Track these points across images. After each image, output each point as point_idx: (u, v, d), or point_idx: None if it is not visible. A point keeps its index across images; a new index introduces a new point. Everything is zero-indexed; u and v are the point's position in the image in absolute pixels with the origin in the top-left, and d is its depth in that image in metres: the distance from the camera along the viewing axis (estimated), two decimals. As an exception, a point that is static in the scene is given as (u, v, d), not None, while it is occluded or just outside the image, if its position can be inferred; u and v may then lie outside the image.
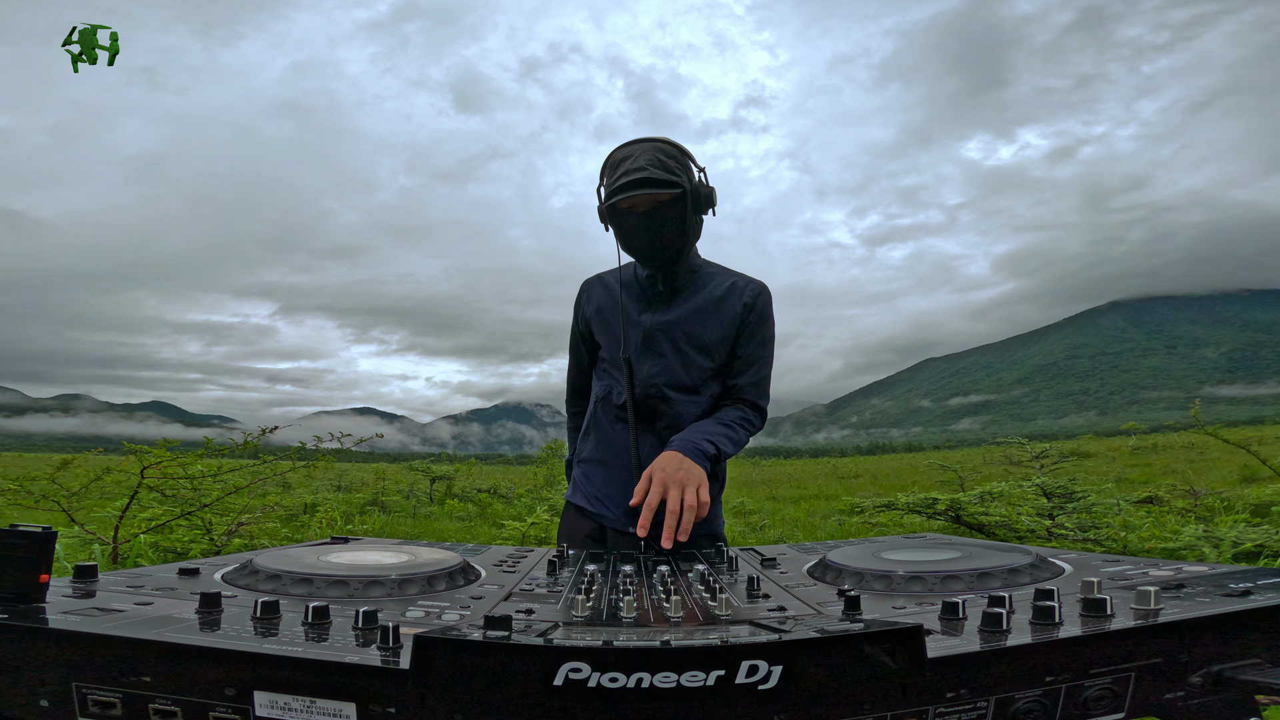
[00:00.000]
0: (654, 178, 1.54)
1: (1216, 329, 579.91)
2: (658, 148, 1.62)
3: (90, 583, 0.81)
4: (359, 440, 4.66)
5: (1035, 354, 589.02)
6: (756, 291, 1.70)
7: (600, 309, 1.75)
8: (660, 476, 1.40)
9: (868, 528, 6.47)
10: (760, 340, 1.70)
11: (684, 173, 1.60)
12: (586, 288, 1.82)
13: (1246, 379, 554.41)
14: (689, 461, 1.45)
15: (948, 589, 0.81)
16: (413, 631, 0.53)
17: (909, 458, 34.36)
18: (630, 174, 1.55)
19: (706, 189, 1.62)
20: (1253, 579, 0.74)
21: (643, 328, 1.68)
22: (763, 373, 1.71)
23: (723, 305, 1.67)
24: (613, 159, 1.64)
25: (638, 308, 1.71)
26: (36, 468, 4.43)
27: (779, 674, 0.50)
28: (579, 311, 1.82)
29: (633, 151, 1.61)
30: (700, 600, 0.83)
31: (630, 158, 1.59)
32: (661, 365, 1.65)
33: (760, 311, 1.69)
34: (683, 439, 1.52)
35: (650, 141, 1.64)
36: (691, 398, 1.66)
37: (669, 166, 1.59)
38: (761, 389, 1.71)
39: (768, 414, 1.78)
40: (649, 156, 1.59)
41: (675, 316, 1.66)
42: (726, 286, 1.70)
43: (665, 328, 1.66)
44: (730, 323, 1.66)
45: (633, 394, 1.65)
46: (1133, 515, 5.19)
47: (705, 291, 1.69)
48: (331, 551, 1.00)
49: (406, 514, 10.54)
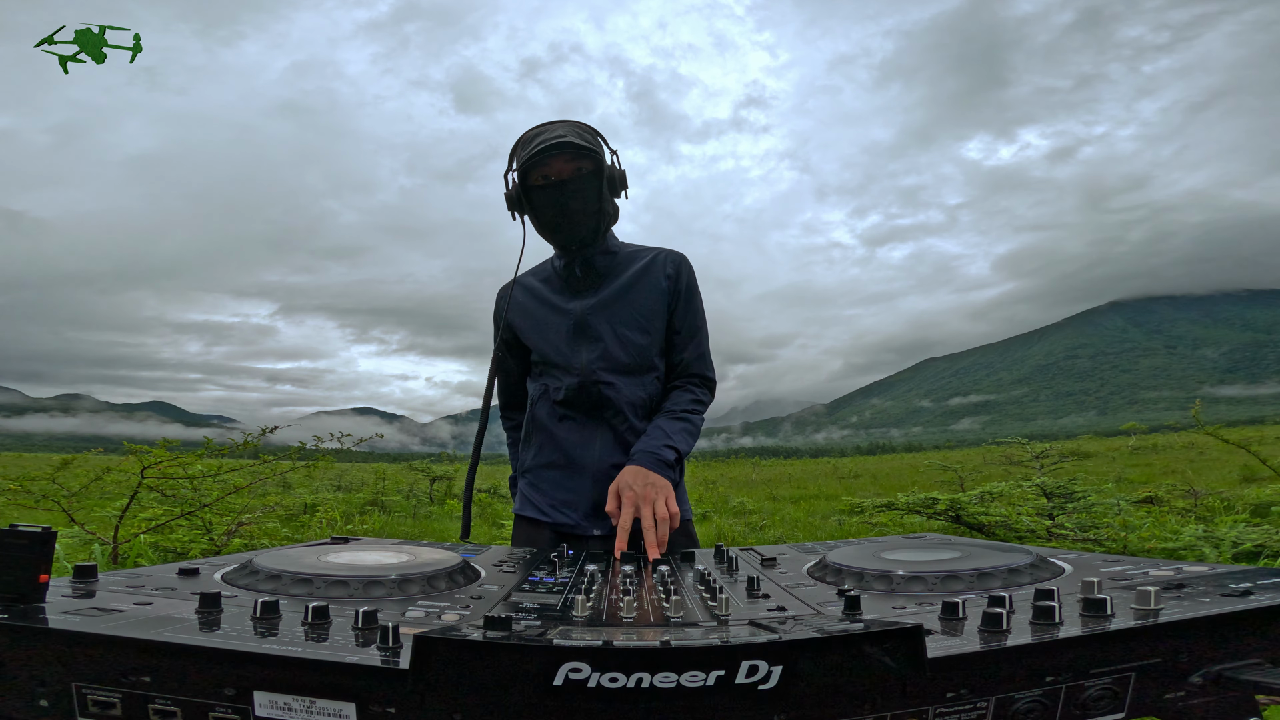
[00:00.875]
0: (572, 141, 1.53)
1: (1216, 329, 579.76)
2: (571, 123, 1.62)
3: (90, 583, 0.81)
4: (359, 440, 4.66)
5: (1035, 354, 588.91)
6: (677, 261, 1.68)
7: (524, 309, 1.70)
8: (629, 495, 1.38)
9: (868, 528, 6.47)
10: (694, 310, 1.68)
11: (599, 148, 1.59)
12: (504, 294, 1.75)
13: (1246, 379, 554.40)
14: (653, 475, 1.43)
15: (948, 589, 0.81)
16: (413, 631, 0.53)
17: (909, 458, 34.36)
18: (546, 140, 1.53)
19: (619, 170, 1.62)
20: (1253, 579, 0.74)
21: (572, 315, 1.64)
22: (704, 344, 1.70)
23: (646, 277, 1.65)
24: (524, 138, 1.61)
25: (563, 298, 1.67)
26: (36, 468, 4.43)
27: (779, 674, 0.50)
28: (500, 320, 1.74)
29: (545, 128, 1.60)
30: (700, 600, 0.83)
31: (544, 132, 1.58)
32: (599, 350, 1.61)
33: (686, 280, 1.68)
34: (642, 450, 1.50)
35: (562, 121, 1.63)
36: (635, 379, 1.63)
37: (585, 137, 1.58)
38: (706, 360, 1.70)
39: (717, 383, 1.77)
40: (564, 128, 1.59)
41: (603, 298, 1.63)
42: (646, 260, 1.68)
43: (595, 310, 1.63)
44: (658, 294, 1.64)
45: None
46: (1133, 515, 5.19)
47: (628, 271, 1.66)
48: (331, 551, 1.00)
49: (406, 514, 10.54)
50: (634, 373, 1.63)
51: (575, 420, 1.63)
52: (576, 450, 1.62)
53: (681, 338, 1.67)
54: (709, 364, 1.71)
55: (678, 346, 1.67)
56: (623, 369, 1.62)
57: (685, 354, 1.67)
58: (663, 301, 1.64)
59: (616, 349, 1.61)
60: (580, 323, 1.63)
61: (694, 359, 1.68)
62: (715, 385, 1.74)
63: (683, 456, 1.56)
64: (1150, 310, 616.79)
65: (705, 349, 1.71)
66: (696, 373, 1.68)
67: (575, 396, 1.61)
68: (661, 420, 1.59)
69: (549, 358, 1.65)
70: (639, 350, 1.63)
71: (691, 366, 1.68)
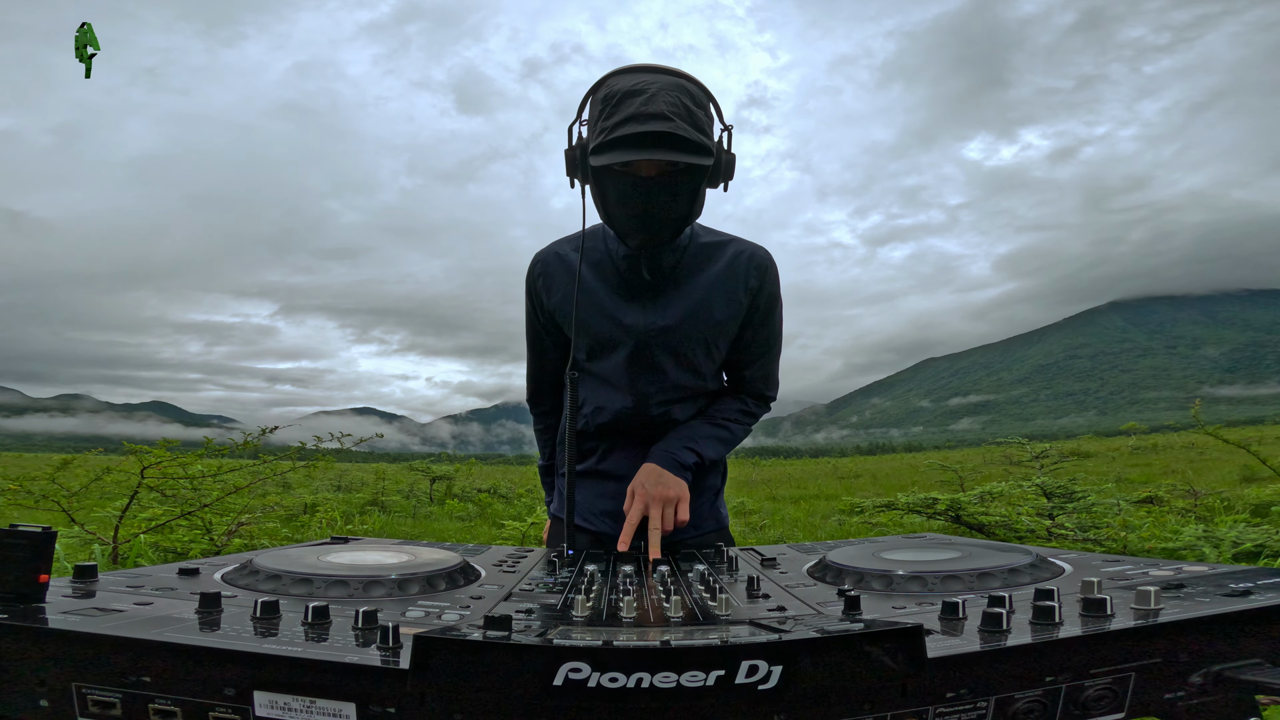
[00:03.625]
0: (680, 134, 1.11)
1: (1216, 329, 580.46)
2: (681, 87, 1.16)
3: (90, 583, 0.81)
4: (359, 440, 4.67)
5: (1035, 354, 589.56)
6: (763, 268, 1.38)
7: (567, 300, 1.37)
8: (641, 494, 1.30)
9: (868, 528, 6.47)
10: (771, 326, 1.44)
11: (711, 131, 1.21)
12: (543, 269, 1.42)
13: (1246, 379, 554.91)
14: (668, 475, 1.33)
15: (948, 589, 0.81)
16: (413, 631, 0.53)
17: (909, 458, 34.37)
18: (642, 120, 1.10)
19: (729, 155, 1.23)
20: (1253, 579, 0.74)
21: (634, 335, 1.37)
22: (772, 363, 1.49)
23: (724, 287, 1.36)
24: (612, 89, 1.16)
25: (619, 302, 1.37)
26: (36, 468, 4.43)
27: (779, 674, 0.50)
28: (536, 300, 1.45)
29: (645, 85, 1.13)
30: (700, 600, 0.83)
31: (642, 94, 1.12)
32: (659, 381, 1.40)
33: (769, 293, 1.40)
34: (663, 449, 1.38)
35: (668, 74, 1.18)
36: (693, 403, 1.46)
37: (698, 120, 1.16)
38: (771, 380, 1.51)
39: (776, 399, 1.59)
40: (670, 100, 1.13)
41: (674, 320, 1.36)
42: (725, 261, 1.37)
43: (660, 335, 1.37)
44: (735, 309, 1.37)
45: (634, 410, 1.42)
46: (1133, 515, 5.19)
47: (703, 275, 1.37)
48: (331, 551, 1.00)
49: (406, 514, 10.54)
50: (695, 398, 1.46)
51: (621, 436, 1.47)
52: (621, 465, 1.46)
53: (750, 354, 1.46)
54: (773, 383, 1.51)
55: (743, 363, 1.47)
56: (685, 397, 1.44)
57: (750, 371, 1.48)
58: (738, 318, 1.39)
59: (679, 378, 1.41)
60: (643, 347, 1.37)
61: (759, 377, 1.49)
62: (773, 403, 1.56)
63: (704, 462, 1.42)
64: (1150, 310, 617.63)
65: (773, 368, 1.50)
66: (756, 392, 1.51)
67: (626, 420, 1.43)
68: (697, 422, 1.44)
69: (600, 374, 1.43)
70: (706, 373, 1.43)
71: (752, 385, 1.50)
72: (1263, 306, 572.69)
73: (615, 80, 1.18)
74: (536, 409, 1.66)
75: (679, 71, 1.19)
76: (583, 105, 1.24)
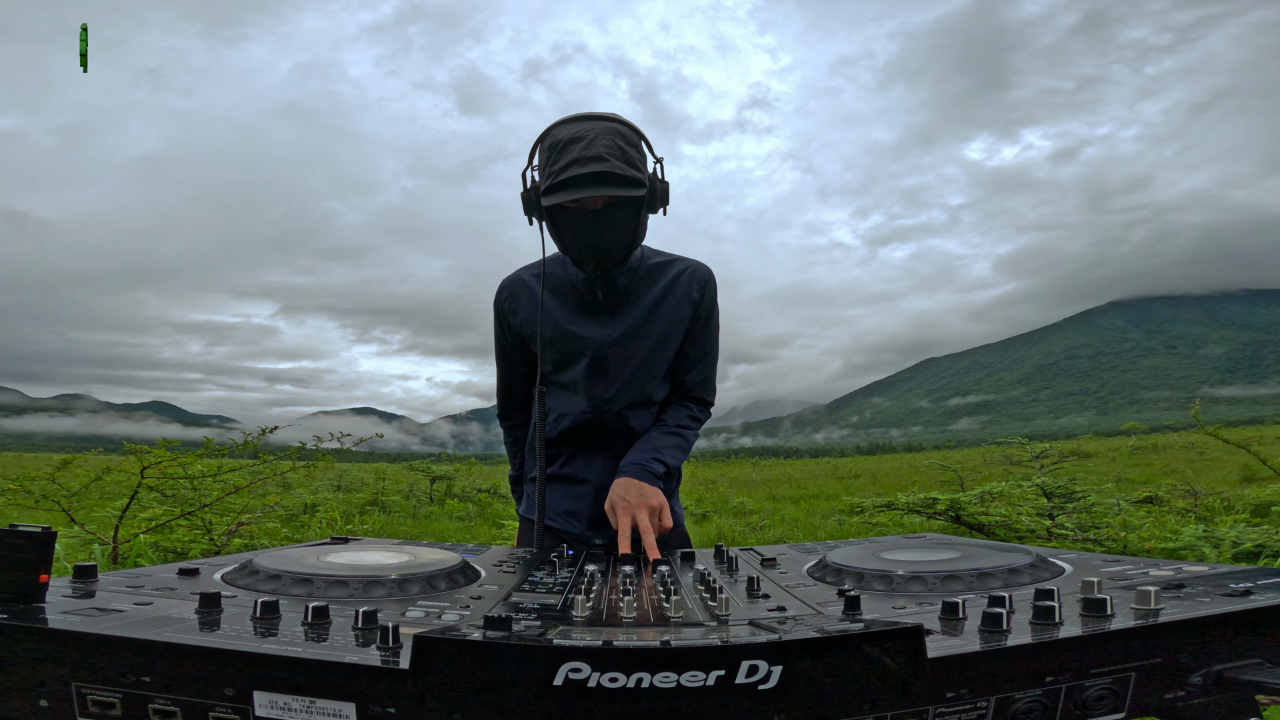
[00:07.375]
0: (616, 173, 1.30)
1: (1216, 329, 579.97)
2: (615, 130, 1.35)
3: (90, 583, 0.81)
4: (359, 440, 4.66)
5: (1035, 354, 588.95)
6: (703, 282, 1.56)
7: (529, 320, 1.55)
8: (624, 507, 1.37)
9: (868, 528, 6.47)
10: (709, 334, 1.61)
11: (643, 172, 1.38)
12: (510, 293, 1.59)
13: (1246, 379, 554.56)
14: (645, 486, 1.42)
15: (948, 589, 0.81)
16: (413, 631, 0.53)
17: (909, 458, 34.37)
18: (583, 164, 1.29)
19: (663, 184, 1.41)
20: (1253, 579, 0.74)
21: (591, 346, 1.52)
22: (711, 368, 1.64)
23: (670, 299, 1.54)
24: (556, 138, 1.34)
25: (577, 319, 1.53)
26: (36, 468, 4.43)
27: (779, 674, 0.50)
28: (503, 321, 1.61)
29: (584, 132, 1.32)
30: (700, 600, 0.83)
31: (581, 140, 1.31)
32: (616, 388, 1.54)
33: (709, 304, 1.58)
34: (632, 462, 1.48)
35: (602, 120, 1.36)
36: (648, 410, 1.59)
37: (631, 158, 1.34)
38: (710, 385, 1.65)
39: (715, 400, 1.72)
40: (607, 143, 1.31)
41: (626, 331, 1.52)
42: (670, 278, 1.54)
43: (615, 345, 1.52)
44: (680, 319, 1.54)
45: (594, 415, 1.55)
46: (1133, 515, 5.19)
47: (651, 291, 1.53)
48: (331, 551, 1.00)
49: (406, 514, 10.54)
50: (647, 404, 1.59)
51: (582, 442, 1.59)
52: (582, 469, 1.59)
53: (690, 361, 1.60)
54: (711, 388, 1.66)
55: (684, 369, 1.61)
56: (638, 404, 1.57)
57: (690, 377, 1.62)
58: (682, 326, 1.55)
59: (635, 386, 1.55)
60: (599, 357, 1.53)
61: (698, 383, 1.63)
62: (712, 407, 1.70)
63: (671, 471, 1.54)
64: (1150, 310, 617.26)
65: (711, 373, 1.64)
66: (698, 396, 1.64)
67: (585, 425, 1.56)
68: (655, 433, 1.56)
69: (564, 384, 1.57)
70: (654, 383, 1.57)
71: (694, 390, 1.64)
72: (1263, 306, 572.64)
73: (559, 130, 1.37)
74: (506, 423, 1.81)
75: (614, 116, 1.39)
76: (532, 153, 1.43)
